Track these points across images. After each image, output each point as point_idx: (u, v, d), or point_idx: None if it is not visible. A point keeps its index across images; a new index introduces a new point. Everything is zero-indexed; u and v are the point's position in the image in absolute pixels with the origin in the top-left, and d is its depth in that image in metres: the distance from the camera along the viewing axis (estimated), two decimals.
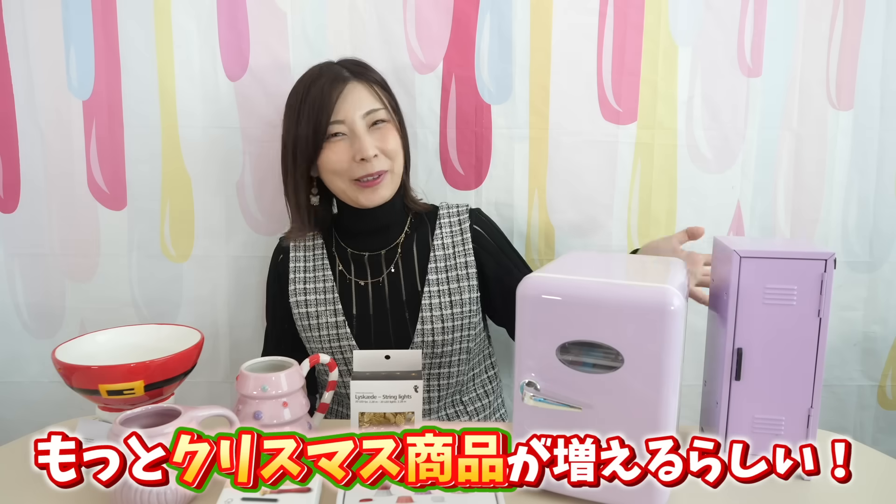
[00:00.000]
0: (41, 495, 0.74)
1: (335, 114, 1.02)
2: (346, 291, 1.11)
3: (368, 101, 1.04)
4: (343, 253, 1.13)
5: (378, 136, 1.04)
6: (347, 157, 1.03)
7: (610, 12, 1.21)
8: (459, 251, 1.11)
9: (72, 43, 1.21)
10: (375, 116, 1.04)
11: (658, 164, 1.26)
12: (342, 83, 1.03)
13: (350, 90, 1.03)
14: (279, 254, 1.17)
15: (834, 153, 1.26)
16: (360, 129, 1.02)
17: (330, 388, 0.90)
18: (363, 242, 1.13)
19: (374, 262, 1.12)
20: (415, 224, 1.14)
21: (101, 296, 1.29)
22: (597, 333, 0.68)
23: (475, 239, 1.12)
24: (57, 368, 0.78)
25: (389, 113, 1.06)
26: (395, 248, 1.12)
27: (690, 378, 1.02)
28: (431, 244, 1.12)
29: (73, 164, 1.24)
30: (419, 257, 1.11)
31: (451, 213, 1.15)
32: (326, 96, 1.02)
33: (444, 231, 1.13)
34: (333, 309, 1.10)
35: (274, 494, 0.66)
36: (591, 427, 0.69)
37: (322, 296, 1.11)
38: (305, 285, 1.12)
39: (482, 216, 1.17)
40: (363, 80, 1.06)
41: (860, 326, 1.31)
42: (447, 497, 0.67)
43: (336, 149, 1.03)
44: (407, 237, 1.13)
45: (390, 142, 1.05)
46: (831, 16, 1.22)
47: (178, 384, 0.84)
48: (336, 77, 1.04)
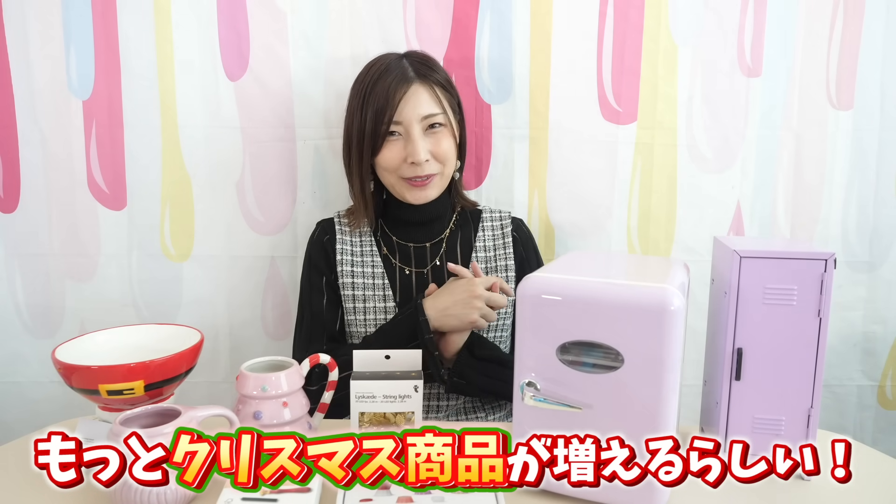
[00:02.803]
0: (41, 495, 0.74)
1: (396, 115, 1.05)
2: (392, 277, 1.12)
3: (428, 105, 1.06)
4: (389, 241, 1.15)
5: (433, 139, 1.07)
6: (400, 157, 1.06)
7: (610, 12, 1.21)
8: (500, 254, 1.15)
9: (72, 43, 1.21)
10: (433, 120, 1.06)
11: (658, 164, 1.26)
12: (406, 84, 1.05)
13: (413, 92, 1.05)
14: (325, 234, 1.16)
15: (834, 153, 1.26)
16: (415, 132, 1.05)
17: (330, 388, 0.90)
18: (409, 233, 1.15)
19: (419, 253, 1.14)
20: (460, 221, 1.18)
21: (101, 296, 1.28)
22: (597, 333, 0.68)
23: (514, 246, 1.15)
24: (57, 368, 0.78)
25: (447, 117, 1.08)
26: (440, 243, 1.15)
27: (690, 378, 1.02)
28: (474, 245, 1.15)
29: (73, 164, 1.24)
30: (462, 254, 1.14)
31: (494, 218, 1.19)
32: (391, 96, 1.04)
33: (487, 234, 1.16)
34: (383, 294, 1.11)
35: (274, 494, 0.66)
36: (591, 427, 0.69)
37: (371, 280, 1.12)
38: (353, 268, 1.13)
39: (523, 227, 1.20)
40: (427, 81, 1.07)
41: (860, 326, 1.31)
42: (447, 497, 0.67)
43: (391, 147, 1.06)
44: (451, 233, 1.16)
45: (443, 146, 1.07)
46: (831, 16, 1.21)
47: (178, 384, 0.84)
48: (402, 77, 1.05)
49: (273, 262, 1.29)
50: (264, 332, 1.32)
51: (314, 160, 1.27)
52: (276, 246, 1.28)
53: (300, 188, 1.28)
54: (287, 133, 1.25)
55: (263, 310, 1.31)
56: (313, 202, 1.28)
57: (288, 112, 1.24)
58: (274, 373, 0.81)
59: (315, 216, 1.26)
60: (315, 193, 1.28)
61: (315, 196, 1.28)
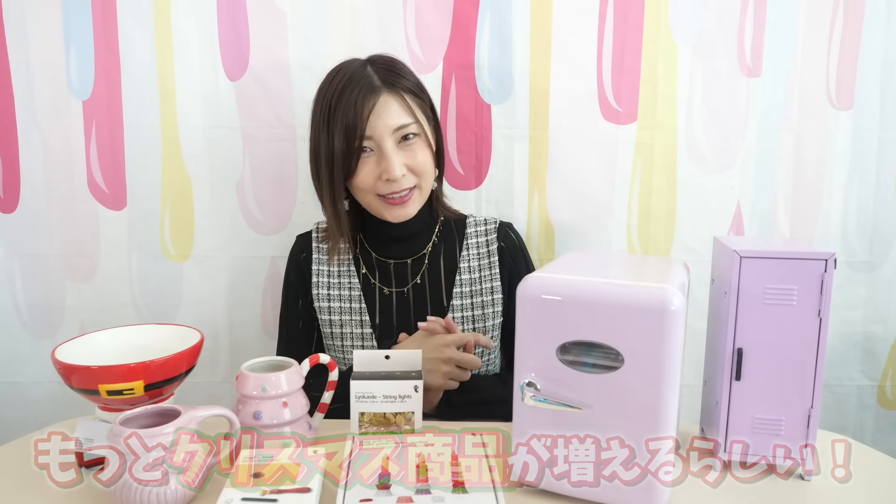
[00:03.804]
0: (41, 495, 0.74)
1: (367, 129, 0.98)
2: (371, 299, 1.08)
3: (399, 116, 0.99)
4: (368, 258, 1.11)
5: (407, 152, 1.00)
6: (374, 175, 1.00)
7: (610, 12, 1.21)
8: (486, 276, 1.09)
9: (72, 43, 1.21)
10: (405, 132, 0.99)
11: (658, 164, 1.26)
12: (374, 95, 0.97)
13: (382, 105, 0.98)
14: (301, 252, 1.13)
15: (834, 153, 1.26)
16: (388, 147, 0.98)
17: (330, 388, 0.90)
18: (389, 249, 1.10)
19: (400, 270, 1.09)
20: (443, 233, 1.12)
21: (101, 296, 1.29)
22: (597, 333, 0.68)
23: (501, 259, 1.10)
24: (57, 368, 0.78)
25: (420, 126, 1.01)
26: (422, 259, 1.10)
27: (690, 378, 1.02)
28: (458, 263, 1.10)
29: (73, 164, 1.24)
30: (446, 271, 1.09)
31: (480, 232, 1.12)
32: (359, 111, 0.96)
33: (472, 252, 1.10)
34: (360, 320, 1.07)
35: (274, 494, 0.66)
36: (591, 427, 0.69)
37: (348, 304, 1.08)
38: (329, 291, 1.09)
39: (511, 233, 1.14)
40: (394, 89, 0.99)
41: (860, 326, 1.31)
42: (447, 497, 0.67)
43: (364, 165, 1.00)
44: (434, 247, 1.10)
45: (419, 157, 1.01)
46: (831, 16, 1.22)
47: (178, 384, 0.84)
48: (368, 87, 0.98)
49: (273, 262, 1.29)
50: (264, 332, 1.32)
51: None
52: (276, 246, 1.28)
53: (300, 188, 1.28)
54: (287, 133, 1.25)
55: (263, 310, 1.31)
56: (313, 202, 1.27)
57: (288, 112, 1.24)
58: (274, 373, 0.81)
59: (315, 216, 1.26)
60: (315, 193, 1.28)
61: (315, 196, 1.28)
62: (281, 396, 0.80)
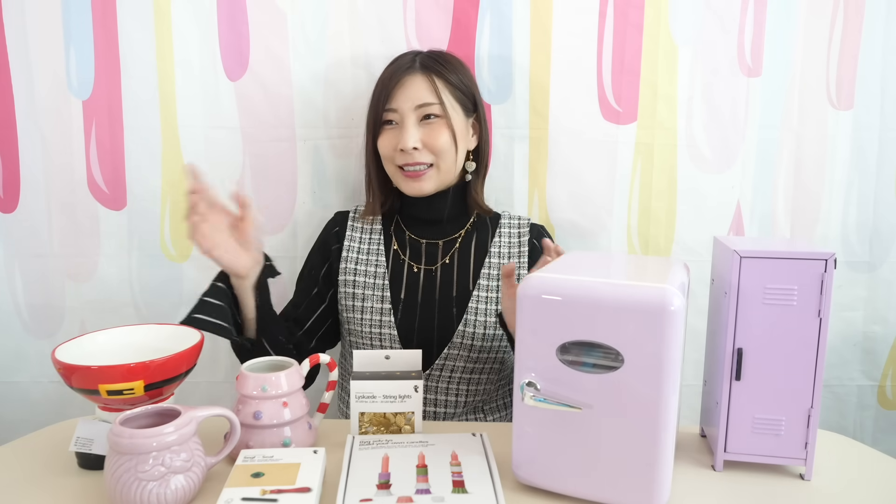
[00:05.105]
0: (41, 495, 0.75)
1: (390, 101, 1.06)
2: (398, 275, 1.11)
3: (424, 94, 1.06)
4: (402, 235, 1.15)
5: (427, 129, 1.06)
6: (393, 145, 1.07)
7: (610, 12, 1.21)
8: (515, 262, 1.11)
9: (72, 43, 1.21)
10: (427, 110, 1.06)
11: (658, 164, 1.26)
12: (404, 73, 1.06)
13: (410, 81, 1.06)
14: (335, 225, 1.17)
15: (834, 153, 1.26)
16: (408, 121, 1.06)
17: (330, 388, 0.90)
18: (422, 230, 1.14)
19: (431, 250, 1.13)
20: (476, 225, 1.16)
21: (101, 296, 1.28)
22: (597, 333, 0.68)
23: (531, 254, 1.13)
24: (57, 368, 0.78)
25: (444, 108, 1.06)
26: (454, 241, 1.13)
27: (690, 378, 1.02)
28: (489, 249, 1.13)
29: (73, 165, 1.24)
30: (475, 256, 1.12)
31: (513, 224, 1.16)
32: (387, 83, 1.07)
33: (503, 240, 1.14)
34: (381, 296, 1.10)
35: (274, 494, 0.66)
36: (591, 427, 0.69)
37: (372, 280, 1.11)
38: (356, 266, 1.12)
39: (544, 234, 1.18)
40: (428, 72, 1.07)
41: (860, 326, 1.31)
42: (447, 497, 0.67)
43: (387, 135, 1.09)
44: (467, 233, 1.14)
45: (439, 138, 1.06)
46: (831, 16, 1.22)
47: (178, 384, 0.84)
48: (404, 67, 1.07)
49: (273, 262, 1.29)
50: None
51: (314, 160, 1.27)
52: (276, 246, 1.28)
53: (300, 188, 1.28)
54: (287, 133, 1.25)
55: None
56: (313, 202, 1.28)
57: (288, 112, 1.24)
58: (274, 373, 0.81)
59: (315, 216, 1.26)
60: (315, 193, 1.28)
61: (315, 196, 1.28)
62: (281, 396, 0.81)
